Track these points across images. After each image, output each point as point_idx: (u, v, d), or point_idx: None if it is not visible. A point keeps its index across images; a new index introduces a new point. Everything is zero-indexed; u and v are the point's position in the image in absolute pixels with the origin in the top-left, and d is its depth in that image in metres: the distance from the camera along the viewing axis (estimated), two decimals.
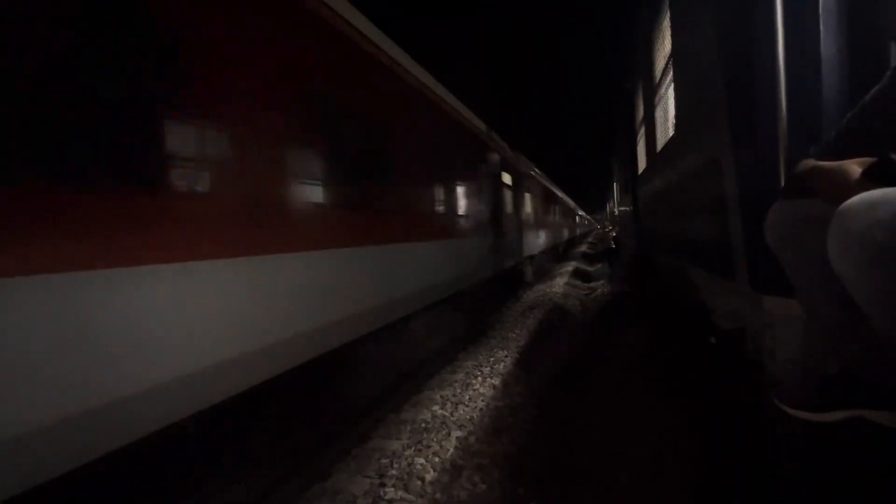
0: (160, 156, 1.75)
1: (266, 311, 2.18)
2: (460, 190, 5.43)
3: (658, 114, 3.99)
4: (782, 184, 1.43)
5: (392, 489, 2.34)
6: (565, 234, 20.54)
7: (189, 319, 1.79)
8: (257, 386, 2.11)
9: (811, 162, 0.97)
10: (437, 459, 2.62)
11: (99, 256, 1.50)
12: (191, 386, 1.79)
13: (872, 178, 0.81)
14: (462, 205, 5.45)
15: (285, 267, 2.31)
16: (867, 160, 0.85)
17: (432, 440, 2.86)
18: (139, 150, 1.67)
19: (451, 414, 3.26)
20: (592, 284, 10.78)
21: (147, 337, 1.63)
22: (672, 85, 3.15)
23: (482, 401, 3.46)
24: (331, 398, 3.06)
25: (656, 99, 3.95)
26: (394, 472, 2.51)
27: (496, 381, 3.86)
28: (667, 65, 3.36)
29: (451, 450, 2.72)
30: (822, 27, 1.46)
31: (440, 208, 4.73)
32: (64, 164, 1.43)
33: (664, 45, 3.45)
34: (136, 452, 1.63)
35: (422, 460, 2.61)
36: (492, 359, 4.55)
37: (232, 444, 2.26)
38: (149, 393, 1.63)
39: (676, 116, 3.01)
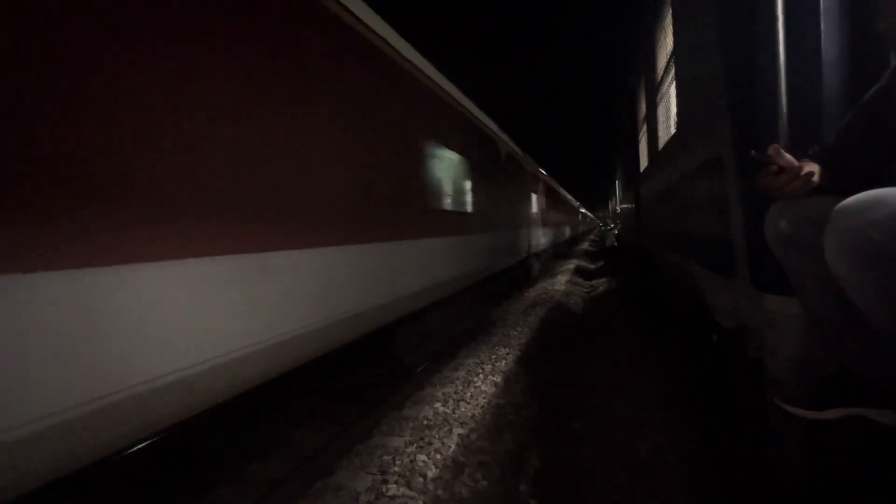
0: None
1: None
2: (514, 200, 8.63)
3: (660, 111, 3.99)
4: None
5: (394, 486, 2.35)
6: (567, 231, 20.66)
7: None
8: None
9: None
10: (438, 456, 2.63)
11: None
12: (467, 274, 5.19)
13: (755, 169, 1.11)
14: (510, 209, 8.27)
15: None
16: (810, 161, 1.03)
17: (434, 437, 2.88)
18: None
19: (454, 411, 3.27)
20: (594, 282, 10.78)
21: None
22: (674, 83, 3.15)
23: (484, 398, 3.47)
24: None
25: (658, 97, 3.95)
26: (396, 468, 2.52)
27: (498, 379, 3.87)
28: (668, 63, 3.35)
29: (453, 447, 2.73)
30: (823, 26, 1.46)
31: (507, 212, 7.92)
32: None
33: (666, 44, 3.44)
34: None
35: (424, 457, 2.63)
36: (493, 356, 4.56)
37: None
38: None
39: (678, 114, 3.01)
